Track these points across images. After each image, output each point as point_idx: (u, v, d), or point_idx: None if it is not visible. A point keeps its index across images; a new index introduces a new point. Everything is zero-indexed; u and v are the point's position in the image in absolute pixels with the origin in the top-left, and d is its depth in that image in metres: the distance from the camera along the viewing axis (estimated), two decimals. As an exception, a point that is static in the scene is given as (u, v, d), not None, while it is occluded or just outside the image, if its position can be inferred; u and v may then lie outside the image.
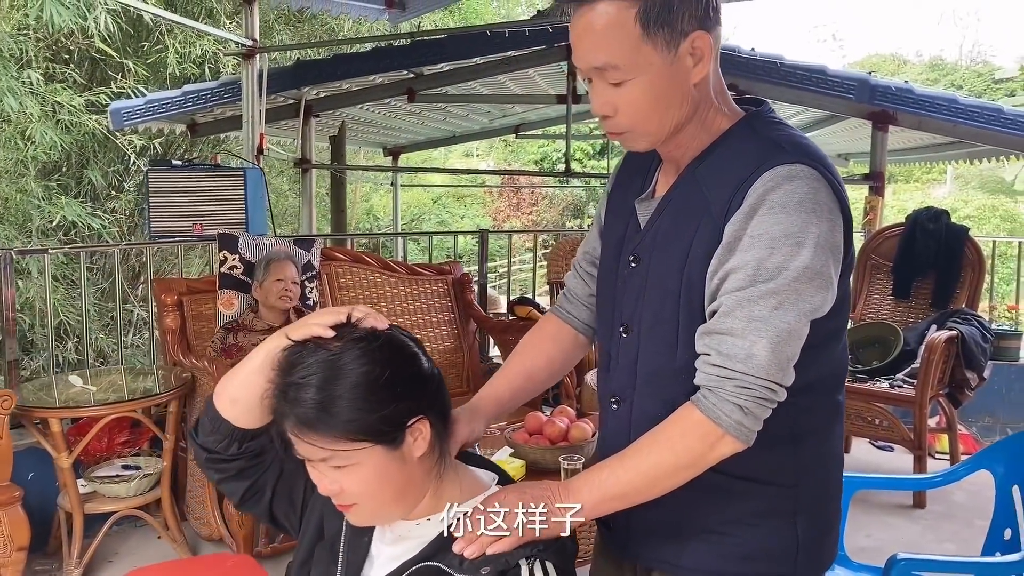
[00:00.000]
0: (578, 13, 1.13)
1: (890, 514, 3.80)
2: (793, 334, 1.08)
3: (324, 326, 1.11)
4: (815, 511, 1.24)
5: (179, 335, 3.49)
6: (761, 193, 1.09)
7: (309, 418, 1.07)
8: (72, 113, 7.36)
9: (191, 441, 1.27)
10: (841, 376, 1.27)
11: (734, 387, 1.07)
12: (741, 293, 1.08)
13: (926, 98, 4.90)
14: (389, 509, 1.16)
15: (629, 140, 1.20)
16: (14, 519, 2.72)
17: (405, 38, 5.55)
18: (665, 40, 1.10)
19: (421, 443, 1.13)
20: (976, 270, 4.27)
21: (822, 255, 1.08)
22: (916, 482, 2.69)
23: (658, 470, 1.11)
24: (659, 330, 1.21)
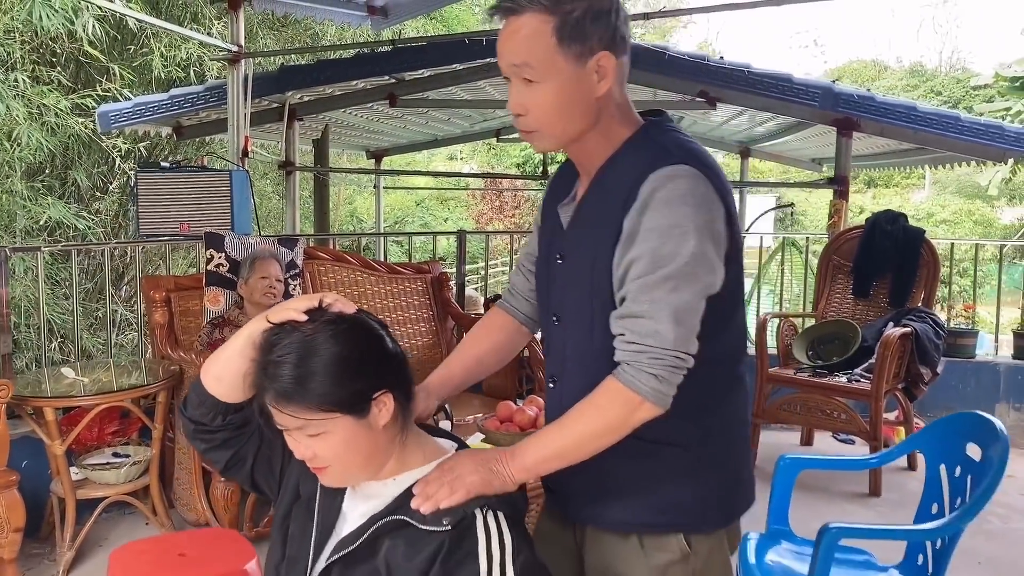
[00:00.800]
0: (506, 23, 1.32)
1: (847, 501, 4.00)
2: (690, 310, 1.26)
3: (299, 311, 1.28)
4: (721, 469, 1.42)
5: (167, 330, 3.64)
6: (650, 191, 1.27)
7: (286, 392, 1.23)
8: (58, 115, 7.46)
9: (180, 415, 1.44)
10: (738, 353, 1.44)
11: (648, 359, 1.25)
12: (643, 280, 1.26)
13: (887, 105, 5.09)
14: (357, 472, 1.32)
15: (537, 139, 1.37)
16: (11, 502, 2.85)
17: (387, 45, 5.70)
18: (576, 53, 1.29)
19: (385, 414, 1.29)
20: (931, 270, 4.47)
21: (706, 241, 1.26)
22: (852, 463, 2.87)
23: (587, 433, 1.29)
24: (580, 317, 1.40)
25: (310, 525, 1.38)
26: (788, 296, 6.49)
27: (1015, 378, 4.97)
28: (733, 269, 1.34)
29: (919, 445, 2.45)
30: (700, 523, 1.41)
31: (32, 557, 3.25)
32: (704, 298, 1.28)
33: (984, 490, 1.95)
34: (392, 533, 1.28)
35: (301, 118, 6.52)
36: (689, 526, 1.40)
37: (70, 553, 3.15)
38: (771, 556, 2.32)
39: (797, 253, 6.62)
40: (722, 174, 1.34)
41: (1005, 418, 4.96)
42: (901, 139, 5.60)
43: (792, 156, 8.97)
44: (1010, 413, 4.97)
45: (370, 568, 1.28)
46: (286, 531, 1.42)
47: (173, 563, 2.16)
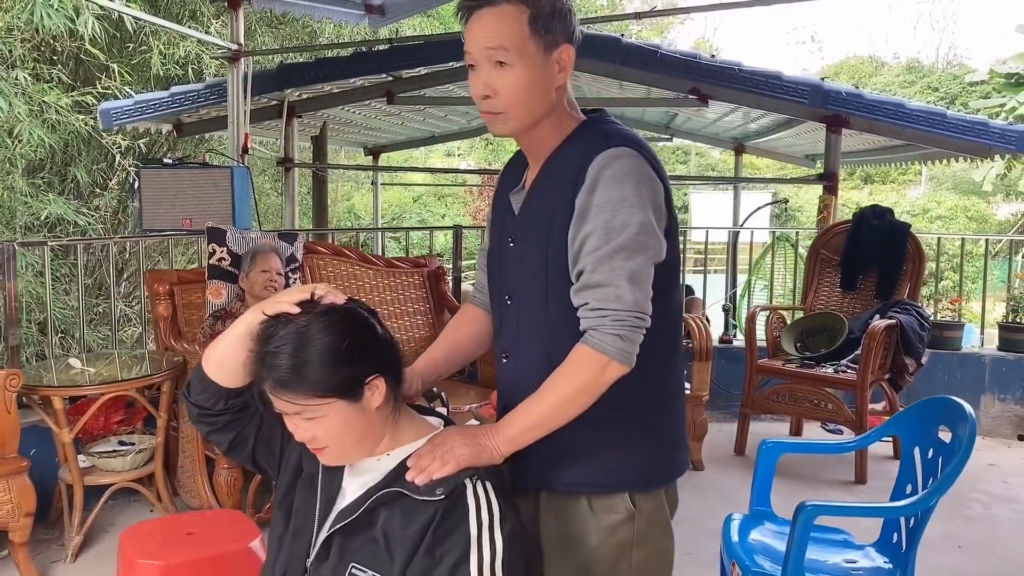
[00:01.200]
0: (481, 11, 1.43)
1: (833, 489, 4.10)
2: (643, 274, 1.39)
3: (291, 303, 1.37)
4: (660, 432, 1.54)
5: (171, 322, 3.74)
6: (596, 171, 1.40)
7: (284, 380, 1.33)
8: (59, 113, 7.54)
9: (183, 400, 1.53)
10: (676, 323, 1.58)
11: (611, 322, 1.37)
12: (599, 252, 1.38)
13: (875, 103, 5.18)
14: (354, 451, 1.43)
15: (500, 121, 1.48)
16: (22, 487, 2.95)
17: (385, 43, 5.79)
18: (544, 43, 1.42)
19: (378, 397, 1.39)
20: (916, 263, 4.57)
21: (651, 213, 1.40)
22: (832, 447, 2.98)
23: (563, 398, 1.41)
24: (533, 294, 1.51)
25: (314, 499, 1.48)
26: (782, 291, 6.60)
27: (999, 369, 5.08)
28: (671, 244, 1.46)
29: (895, 430, 2.56)
30: (644, 482, 1.52)
31: (41, 542, 3.35)
32: (653, 265, 1.41)
33: (952, 469, 2.05)
34: (389, 504, 1.38)
35: (300, 115, 6.61)
36: (634, 485, 1.50)
37: (78, 538, 3.25)
38: (753, 535, 2.42)
39: (790, 247, 6.73)
40: (658, 159, 1.48)
41: (990, 408, 5.07)
42: (889, 136, 5.70)
43: (786, 152, 9.06)
44: (995, 404, 5.08)
45: (369, 537, 1.39)
46: (290, 506, 1.52)
47: (181, 541, 2.26)
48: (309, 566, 1.43)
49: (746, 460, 4.41)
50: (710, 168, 22.27)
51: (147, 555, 2.16)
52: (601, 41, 5.23)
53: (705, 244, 6.84)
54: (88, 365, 3.57)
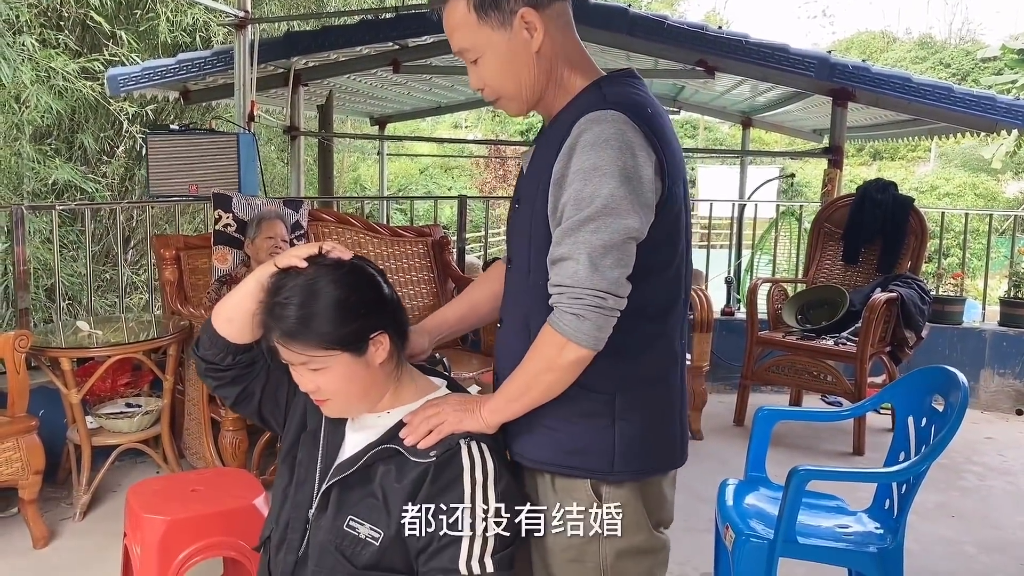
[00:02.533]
0: (443, 14, 1.42)
1: (831, 459, 4.15)
2: (610, 249, 1.28)
3: (300, 258, 1.42)
4: (632, 420, 1.42)
5: (177, 286, 3.78)
6: (576, 135, 1.32)
7: (291, 331, 1.38)
8: (66, 79, 7.55)
9: (192, 354, 1.58)
10: (661, 308, 1.44)
11: (567, 300, 1.30)
12: (566, 223, 1.31)
13: (882, 76, 5.17)
14: (356, 404, 1.48)
15: (503, 105, 1.47)
16: (31, 445, 3.01)
17: (391, 12, 5.78)
18: (499, 21, 1.37)
19: (381, 352, 1.44)
20: (919, 238, 4.58)
21: (628, 184, 1.29)
22: (827, 415, 3.02)
23: (531, 374, 1.38)
24: (519, 259, 1.48)
25: (316, 452, 1.53)
26: (786, 265, 6.61)
27: (1000, 344, 5.10)
28: (662, 221, 1.36)
29: (889, 398, 2.59)
30: (607, 471, 1.42)
31: (50, 500, 3.41)
32: (628, 240, 1.30)
33: (943, 436, 2.08)
34: (386, 460, 1.43)
35: (306, 83, 6.61)
36: (595, 473, 1.43)
37: (86, 496, 3.32)
38: (748, 500, 2.46)
39: (794, 222, 6.73)
40: (661, 126, 1.37)
41: (989, 383, 5.10)
42: (896, 110, 5.67)
43: (793, 127, 9.03)
44: (994, 378, 5.10)
45: (367, 492, 1.43)
46: (293, 459, 1.56)
47: (187, 497, 2.31)
48: (311, 516, 1.48)
49: (744, 431, 4.45)
50: (718, 142, 22.18)
51: (153, 510, 2.21)
52: (607, 11, 5.21)
53: (709, 218, 6.84)
54: (96, 328, 3.62)
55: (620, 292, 1.31)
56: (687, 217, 1.45)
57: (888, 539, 2.24)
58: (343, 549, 1.42)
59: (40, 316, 7.24)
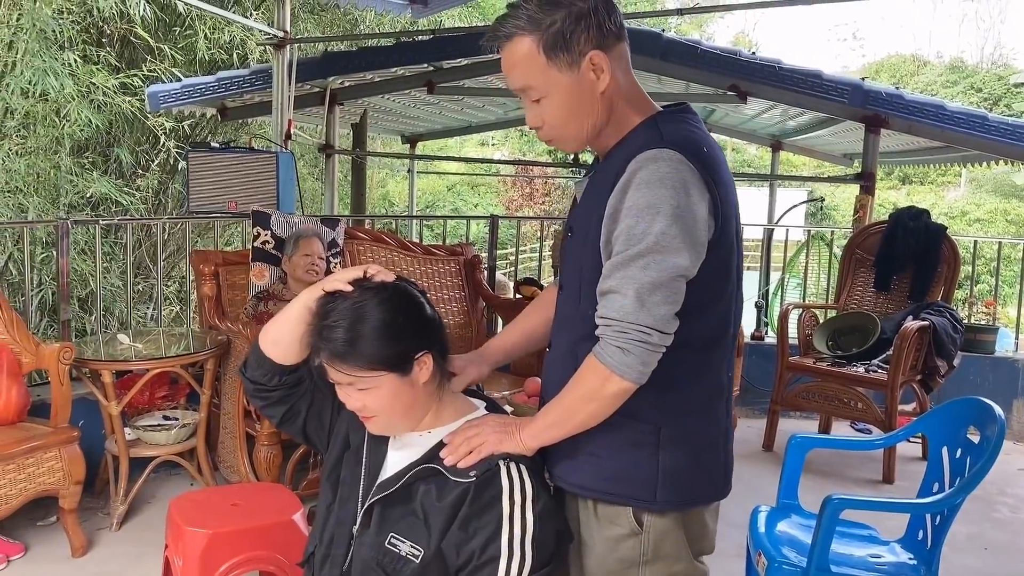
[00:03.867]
0: (502, 50, 1.43)
1: (860, 487, 4.13)
2: (659, 286, 1.31)
3: (346, 281, 1.47)
4: (676, 451, 1.44)
5: (215, 302, 3.84)
6: (632, 172, 1.34)
7: (339, 352, 1.43)
8: (106, 94, 7.71)
9: (241, 375, 1.63)
10: (712, 342, 1.46)
11: (613, 332, 1.33)
12: (617, 258, 1.34)
13: (915, 104, 5.18)
14: (400, 422, 1.52)
15: (558, 144, 1.50)
16: (72, 456, 3.07)
17: (427, 34, 5.87)
18: (567, 62, 1.38)
19: (425, 372, 1.48)
20: (951, 266, 4.56)
21: (679, 222, 1.30)
22: (860, 443, 3.02)
23: (572, 403, 1.41)
24: (570, 286, 1.50)
25: (359, 470, 1.57)
26: (815, 290, 6.59)
27: (1033, 374, 5.06)
28: (714, 259, 1.38)
29: (923, 428, 2.59)
30: (650, 500, 1.44)
31: (87, 510, 3.47)
32: (677, 278, 1.32)
33: (980, 468, 2.09)
34: (426, 479, 1.47)
35: (342, 102, 6.71)
36: (638, 501, 1.44)
37: (123, 507, 3.37)
38: (780, 527, 2.47)
39: (824, 246, 6.72)
40: (715, 166, 1.39)
41: (1022, 413, 5.05)
42: (929, 137, 5.68)
43: (824, 151, 9.03)
44: (1027, 408, 5.06)
45: (408, 510, 1.48)
46: (337, 477, 1.61)
47: (227, 511, 2.35)
48: (354, 532, 1.52)
49: (774, 456, 4.44)
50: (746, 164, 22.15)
51: (195, 523, 2.26)
52: (641, 36, 5.26)
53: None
54: (134, 341, 3.69)
55: (666, 328, 1.33)
56: (739, 253, 1.48)
57: (922, 570, 2.24)
58: (384, 566, 1.46)
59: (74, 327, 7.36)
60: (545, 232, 7.45)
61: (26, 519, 3.31)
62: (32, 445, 2.97)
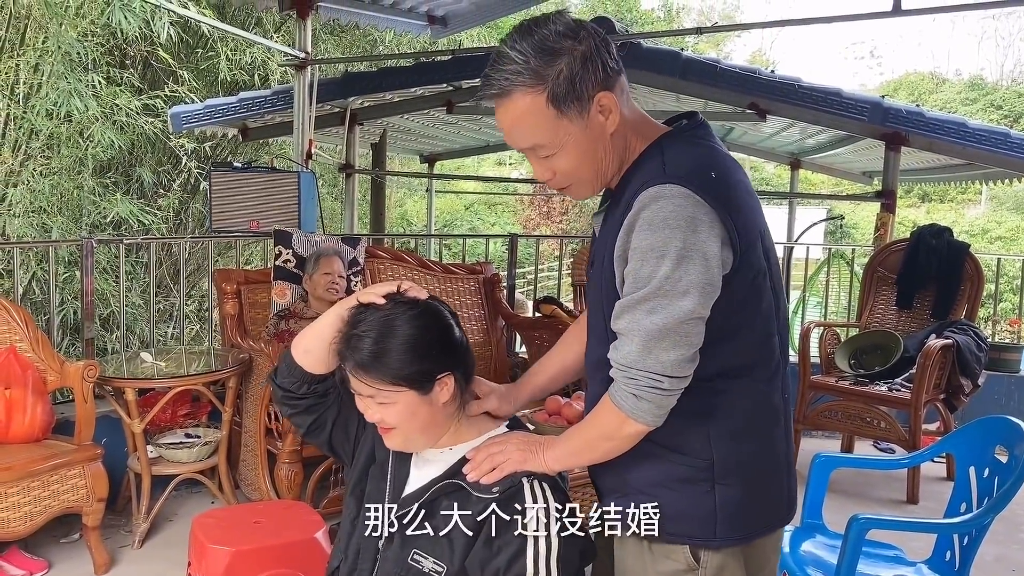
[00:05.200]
0: (499, 106, 1.32)
1: (885, 507, 4.09)
2: (667, 332, 1.26)
3: (380, 295, 1.49)
4: (733, 483, 1.38)
5: (237, 320, 3.87)
6: (636, 211, 1.28)
7: (364, 363, 1.44)
8: (128, 115, 7.81)
9: (270, 382, 1.65)
10: (748, 366, 1.39)
11: (624, 379, 1.31)
12: (625, 300, 1.30)
13: (936, 121, 5.16)
14: (416, 438, 1.52)
15: (573, 192, 1.43)
16: (96, 473, 3.09)
17: (447, 54, 5.92)
18: (577, 111, 1.30)
19: (445, 393, 1.49)
20: (975, 284, 4.53)
21: (685, 264, 1.24)
22: (884, 463, 3.00)
23: (590, 438, 1.41)
24: (596, 322, 1.46)
25: (384, 485, 1.58)
26: (835, 308, 6.56)
27: (1059, 394, 5.00)
28: (738, 286, 1.32)
29: (950, 448, 2.57)
30: (708, 537, 1.39)
31: (110, 527, 3.48)
32: (685, 321, 1.27)
33: (1009, 487, 2.06)
34: (449, 495, 1.47)
35: (362, 122, 6.77)
36: (695, 538, 1.40)
37: (145, 524, 3.39)
38: (805, 547, 2.44)
39: (844, 265, 6.69)
40: (729, 191, 1.31)
41: (1048, 433, 4.98)
42: (950, 155, 5.66)
43: (843, 168, 9.00)
44: (1053, 428, 4.98)
45: (430, 526, 1.47)
46: (362, 491, 1.61)
47: (250, 528, 2.35)
48: (380, 547, 1.52)
49: (797, 476, 4.40)
50: (765, 183, 22.10)
51: (218, 541, 2.26)
52: (659, 55, 5.29)
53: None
54: (156, 359, 3.71)
55: (678, 373, 1.29)
56: (773, 275, 1.41)
57: (950, 592, 2.21)
58: None
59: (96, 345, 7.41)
60: (564, 250, 7.46)
61: (49, 536, 3.33)
62: (56, 462, 2.99)
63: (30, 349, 3.23)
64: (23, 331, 3.24)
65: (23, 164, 7.79)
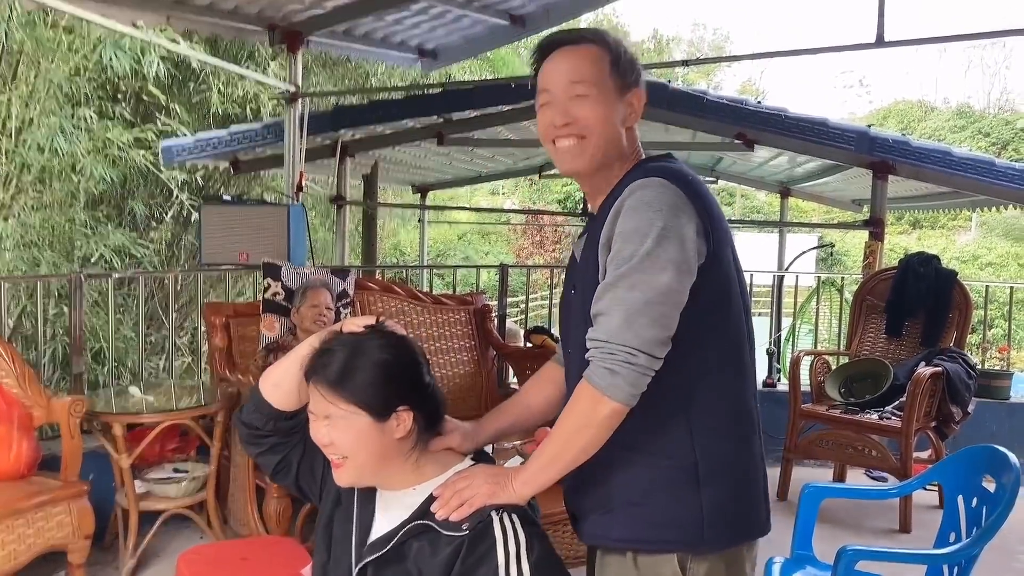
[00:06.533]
0: (564, 48, 1.50)
1: (877, 537, 4.06)
2: (648, 307, 1.31)
3: (359, 325, 1.52)
4: (719, 484, 1.42)
5: (226, 354, 3.85)
6: (621, 201, 1.38)
7: (330, 378, 1.45)
8: (120, 148, 7.85)
9: (236, 421, 1.64)
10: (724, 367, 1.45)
11: (601, 354, 1.33)
12: (605, 280, 1.36)
13: (922, 150, 5.21)
14: (366, 472, 1.50)
15: (577, 149, 1.47)
16: (82, 509, 3.07)
17: (437, 87, 5.97)
18: (620, 86, 1.48)
19: (401, 429, 1.48)
20: (963, 311, 4.54)
21: (665, 243, 1.32)
22: (874, 492, 2.98)
23: (567, 432, 1.39)
24: (579, 343, 1.44)
25: (350, 528, 1.57)
26: (827, 335, 6.57)
27: (1050, 420, 5.00)
28: (712, 283, 1.40)
29: (938, 477, 2.56)
30: (696, 542, 1.42)
31: (96, 564, 3.44)
32: (666, 299, 1.33)
33: (996, 517, 2.06)
34: (419, 536, 1.46)
35: (353, 155, 6.80)
36: (682, 545, 1.42)
37: (132, 561, 3.35)
38: (794, 579, 2.43)
39: (835, 292, 6.71)
40: (701, 193, 1.41)
41: (1039, 460, 4.98)
42: (936, 183, 5.70)
43: (832, 197, 9.06)
44: (1045, 455, 4.98)
45: (402, 570, 1.46)
46: (330, 534, 1.60)
47: (236, 566, 2.34)
48: None
49: (788, 505, 4.39)
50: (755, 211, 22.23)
51: (203, 578, 2.24)
52: (647, 86, 5.32)
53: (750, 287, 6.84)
54: (145, 394, 3.69)
55: (653, 352, 1.33)
56: (740, 280, 1.49)
57: (941, 623, 2.20)
58: None
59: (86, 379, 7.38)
60: (555, 280, 7.47)
61: (34, 574, 3.29)
62: (41, 500, 2.97)
63: (16, 385, 3.21)
64: (9, 366, 3.23)
65: (14, 198, 7.80)
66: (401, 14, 5.34)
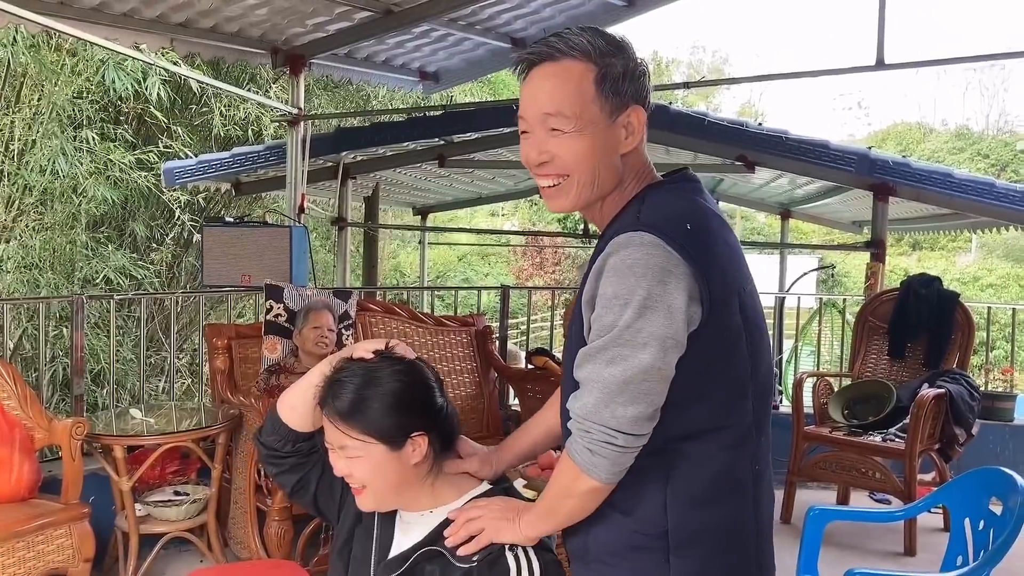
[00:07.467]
0: (542, 67, 1.31)
1: (882, 560, 4.03)
2: (627, 385, 1.20)
3: (369, 351, 1.49)
4: (690, 554, 1.30)
5: (227, 375, 3.84)
6: (604, 257, 1.24)
7: (342, 410, 1.44)
8: (122, 170, 7.87)
9: (255, 441, 1.63)
10: (722, 431, 1.30)
11: (579, 432, 1.25)
12: (587, 348, 1.25)
13: (923, 172, 5.22)
14: (387, 498, 1.50)
15: (560, 192, 1.33)
16: (82, 532, 3.04)
17: (438, 109, 6.00)
18: (611, 107, 1.29)
19: (417, 454, 1.46)
20: (965, 333, 4.53)
21: (648, 315, 1.19)
22: (879, 515, 2.97)
23: (553, 499, 1.34)
24: (567, 379, 1.36)
25: (370, 546, 1.56)
26: (828, 357, 6.55)
27: (1054, 442, 4.98)
28: (704, 347, 1.25)
29: (943, 500, 2.55)
30: None
31: (95, 588, 3.42)
32: (648, 376, 1.21)
33: (1004, 540, 2.05)
34: (431, 560, 1.45)
35: (354, 176, 6.82)
36: None
37: (132, 585, 3.33)
38: (800, 603, 2.41)
39: (836, 313, 6.70)
40: (705, 244, 1.26)
41: (1044, 482, 4.95)
42: (937, 205, 5.71)
43: (833, 218, 9.08)
44: (1049, 477, 4.96)
45: None
46: (348, 553, 1.59)
47: (237, 590, 2.32)
48: None
49: (792, 528, 4.36)
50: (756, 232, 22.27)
51: (204, 603, 2.22)
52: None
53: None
54: (146, 416, 3.68)
55: (634, 430, 1.23)
56: (751, 336, 1.32)
57: (948, 648, 2.18)
58: None
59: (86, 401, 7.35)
60: (556, 301, 7.46)
61: (33, 598, 3.27)
62: (42, 522, 2.94)
63: (18, 407, 3.20)
64: (11, 388, 3.22)
65: (16, 220, 7.82)
66: (403, 37, 5.37)
